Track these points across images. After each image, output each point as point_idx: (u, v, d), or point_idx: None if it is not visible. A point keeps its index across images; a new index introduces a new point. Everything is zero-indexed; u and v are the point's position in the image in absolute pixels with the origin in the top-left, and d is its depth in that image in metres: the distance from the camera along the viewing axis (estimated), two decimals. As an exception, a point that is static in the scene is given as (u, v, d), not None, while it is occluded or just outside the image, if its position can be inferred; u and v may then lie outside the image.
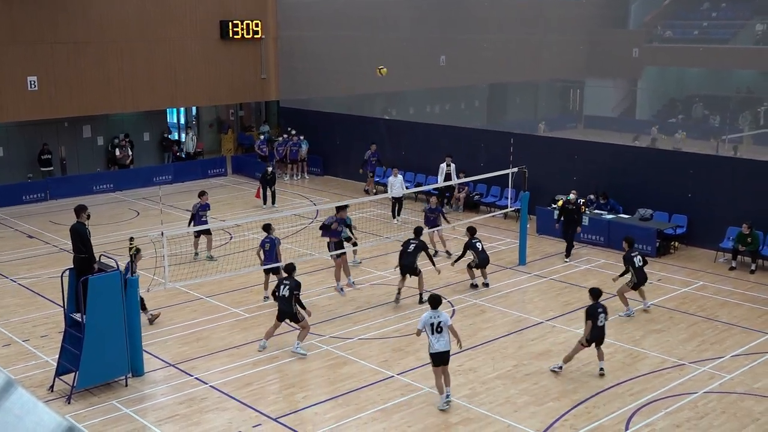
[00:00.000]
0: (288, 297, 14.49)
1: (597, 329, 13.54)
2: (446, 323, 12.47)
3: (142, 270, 15.87)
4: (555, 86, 45.11)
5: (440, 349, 12.43)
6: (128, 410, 12.68)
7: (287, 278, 14.74)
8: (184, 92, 32.79)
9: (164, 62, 31.74)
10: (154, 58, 31.43)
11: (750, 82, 41.76)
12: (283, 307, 14.58)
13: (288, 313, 14.56)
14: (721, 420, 12.27)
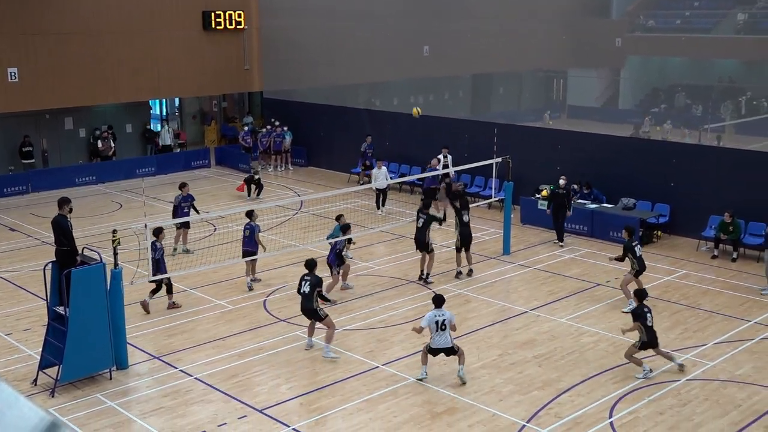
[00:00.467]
0: (309, 293, 14.11)
1: (649, 331, 13.28)
2: (450, 321, 13.00)
3: (125, 263, 15.81)
4: (538, 76, 45.24)
5: (441, 345, 12.96)
6: (112, 403, 12.64)
7: (308, 274, 14.36)
8: (167, 83, 32.62)
9: (146, 53, 31.54)
10: (136, 50, 31.23)
11: (732, 72, 42.04)
12: (305, 303, 14.24)
13: (310, 310, 14.19)
14: (703, 407, 12.37)
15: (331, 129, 31.49)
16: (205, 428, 11.83)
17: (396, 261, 19.85)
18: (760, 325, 15.64)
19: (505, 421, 11.94)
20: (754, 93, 39.75)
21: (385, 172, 24.24)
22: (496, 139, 21.45)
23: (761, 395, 12.75)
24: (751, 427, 11.74)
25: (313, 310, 14.15)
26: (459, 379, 13.13)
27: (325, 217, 23.35)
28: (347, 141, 30.51)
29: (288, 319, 15.98)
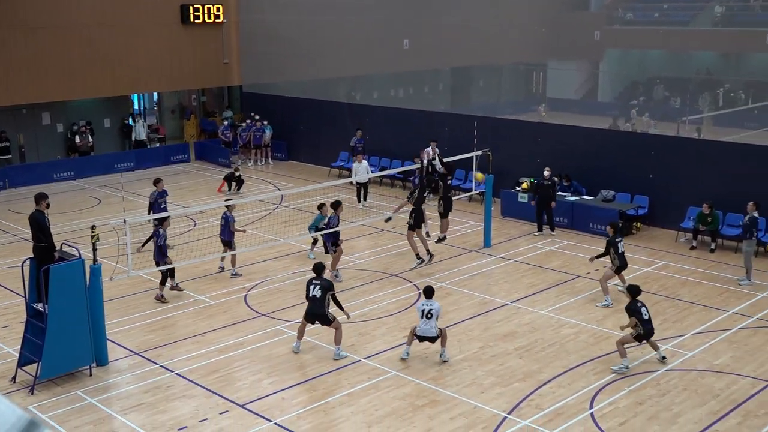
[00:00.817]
0: (321, 297, 13.66)
1: (646, 323, 13.36)
2: (437, 312, 13.49)
3: (105, 258, 15.73)
4: (518, 69, 45.31)
5: (425, 334, 13.50)
6: (93, 400, 12.58)
7: (317, 278, 13.93)
8: (145, 78, 32.42)
9: (125, 47, 31.32)
10: (115, 44, 31.00)
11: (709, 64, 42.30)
12: (314, 308, 13.75)
13: (319, 315, 13.75)
14: (682, 397, 12.49)
15: (312, 123, 31.43)
16: (186, 424, 11.80)
17: (377, 255, 19.86)
18: (738, 315, 15.79)
19: (486, 413, 12.00)
20: (731, 85, 40.05)
21: (365, 166, 24.16)
22: (476, 132, 21.50)
23: (739, 384, 12.88)
24: (730, 416, 11.86)
25: (323, 315, 13.73)
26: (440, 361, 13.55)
27: (305, 211, 23.31)
28: (327, 135, 30.48)
29: (269, 314, 15.96)
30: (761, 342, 14.54)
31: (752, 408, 12.12)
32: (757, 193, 18.77)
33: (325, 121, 30.76)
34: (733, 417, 11.85)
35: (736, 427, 11.56)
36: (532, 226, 21.79)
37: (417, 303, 13.56)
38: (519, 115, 33.82)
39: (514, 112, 37.25)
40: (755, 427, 11.54)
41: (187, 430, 11.64)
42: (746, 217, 17.69)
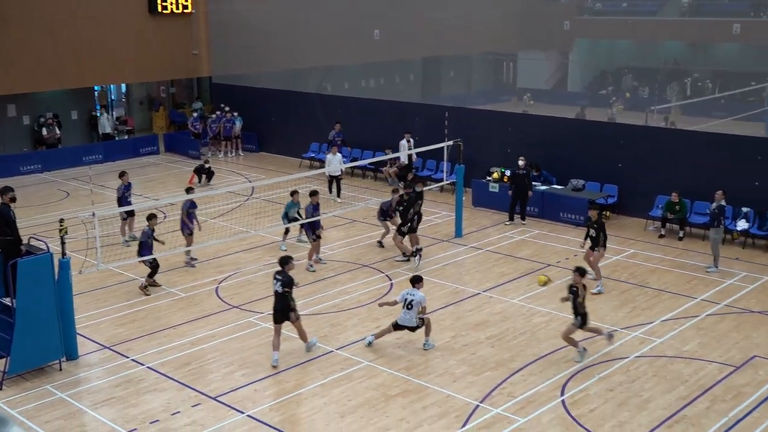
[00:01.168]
0: (281, 293, 13.20)
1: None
2: (420, 303, 13.48)
3: (73, 252, 15.59)
4: (488, 59, 45.42)
5: (404, 323, 13.58)
6: (63, 394, 12.49)
7: (280, 272, 13.34)
8: (113, 69, 32.08)
9: (92, 38, 30.95)
10: (81, 34, 30.63)
11: (677, 54, 42.68)
12: (276, 304, 13.28)
13: (282, 311, 13.24)
14: (652, 383, 12.64)
15: (282, 114, 31.30)
16: (158, 417, 11.75)
17: (349, 246, 19.86)
18: (706, 302, 16.00)
19: (459, 402, 12.07)
20: (698, 75, 40.46)
21: (339, 158, 23.92)
22: (447, 123, 21.55)
23: (707, 370, 13.06)
24: (698, 401, 12.04)
25: (286, 312, 13.25)
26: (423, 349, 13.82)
27: (276, 202, 23.24)
28: (299, 126, 30.38)
29: (240, 306, 15.91)
30: (728, 328, 14.75)
31: (719, 393, 12.30)
32: (724, 182, 19.01)
33: (296, 112, 30.65)
34: (701, 402, 12.02)
35: (704, 411, 11.74)
36: (503, 216, 21.90)
37: (402, 291, 13.72)
38: (490, 106, 33.94)
39: (485, 103, 37.38)
40: (722, 412, 11.72)
41: (158, 423, 11.59)
42: (714, 206, 17.91)
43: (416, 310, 13.47)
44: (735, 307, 15.74)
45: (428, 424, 11.48)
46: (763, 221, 19.47)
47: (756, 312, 15.51)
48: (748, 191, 19.80)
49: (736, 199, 19.56)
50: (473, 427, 11.39)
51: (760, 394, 12.27)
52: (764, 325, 14.86)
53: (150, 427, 11.48)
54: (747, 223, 19.55)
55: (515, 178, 21.56)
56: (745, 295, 16.42)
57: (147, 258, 16.58)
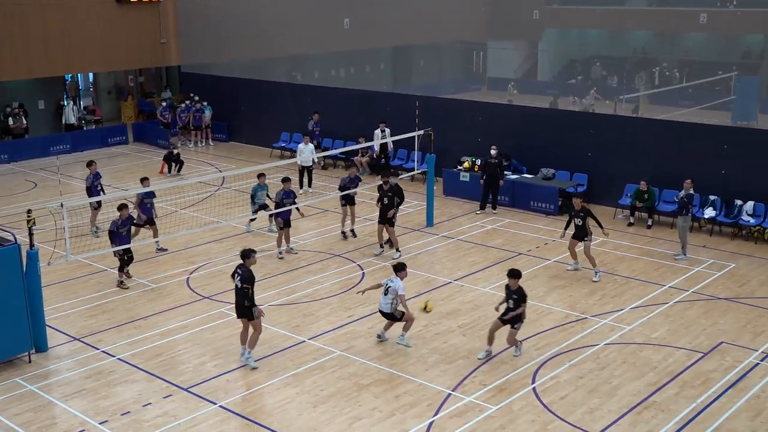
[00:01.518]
0: (240, 288, 12.71)
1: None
2: (396, 291, 13.20)
3: (42, 243, 15.40)
4: (458, 48, 45.49)
5: (380, 308, 13.52)
6: (33, 387, 12.36)
7: (241, 266, 12.90)
8: (80, 58, 31.68)
9: (58, 27, 30.54)
10: (48, 23, 30.20)
11: (645, 44, 43.03)
12: (237, 300, 12.83)
13: (241, 307, 12.78)
14: (621, 369, 12.77)
15: (252, 103, 31.11)
16: (129, 409, 11.67)
17: (321, 236, 19.82)
18: (674, 289, 16.19)
19: (431, 391, 12.11)
20: (666, 64, 40.81)
21: (311, 148, 23.71)
22: (417, 112, 21.56)
23: (675, 356, 13.23)
24: (667, 387, 12.18)
25: (245, 308, 12.76)
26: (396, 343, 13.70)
27: (247, 192, 23.12)
28: (269, 115, 30.22)
29: (212, 296, 15.83)
30: (696, 315, 14.94)
31: (688, 379, 12.46)
32: (691, 171, 19.21)
33: (267, 102, 30.48)
34: (670, 388, 12.17)
35: (673, 397, 11.89)
36: (474, 205, 21.98)
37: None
38: (460, 95, 33.99)
39: (455, 92, 37.44)
40: (691, 397, 11.87)
41: (130, 415, 11.51)
42: (682, 194, 18.10)
43: (391, 296, 13.26)
44: (703, 294, 15.94)
45: (401, 413, 11.51)
46: (730, 209, 19.73)
47: (723, 299, 15.73)
48: (715, 179, 20.05)
49: (703, 187, 19.79)
50: (445, 415, 11.44)
51: (727, 379, 12.44)
52: (731, 312, 15.07)
53: (121, 419, 11.40)
54: (714, 211, 19.80)
55: (487, 167, 21.60)
56: (712, 282, 16.64)
57: (120, 248, 16.13)
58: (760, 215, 19.37)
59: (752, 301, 15.65)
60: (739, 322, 14.59)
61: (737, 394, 12.00)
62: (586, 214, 16.65)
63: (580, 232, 16.76)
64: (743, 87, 33.49)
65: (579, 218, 16.64)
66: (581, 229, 16.71)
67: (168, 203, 22.24)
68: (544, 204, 21.57)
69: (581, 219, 16.64)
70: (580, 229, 16.72)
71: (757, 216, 19.38)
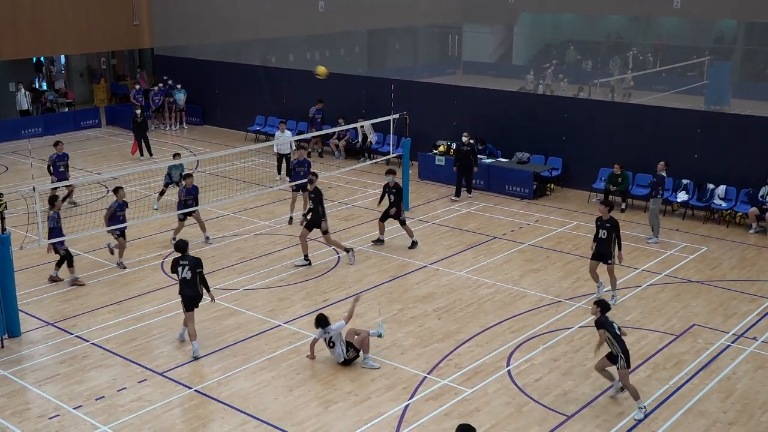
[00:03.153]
0: (191, 279, 12.59)
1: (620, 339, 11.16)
2: (338, 333, 12.29)
3: (14, 227, 15.23)
4: (434, 32, 45.41)
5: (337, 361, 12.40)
6: (5, 372, 12.25)
7: (183, 257, 12.75)
8: (51, 40, 31.23)
9: (28, 8, 30.05)
10: (17, 3, 29.72)
11: (619, 28, 43.17)
12: (186, 291, 12.68)
13: (194, 297, 12.71)
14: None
15: (226, 86, 30.90)
16: (103, 394, 11.62)
17: (294, 220, 19.75)
18: (647, 273, 16.34)
19: (406, 374, 12.16)
20: (640, 49, 41.00)
21: (289, 135, 23.11)
22: (392, 96, 21.52)
23: (648, 339, 13.37)
24: (639, 369, 12.31)
25: (198, 297, 12.74)
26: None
27: (221, 176, 23.02)
28: (243, 99, 30.03)
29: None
30: (668, 298, 15.10)
31: (660, 361, 12.60)
32: (665, 155, 19.36)
33: (241, 85, 30.28)
34: (642, 370, 12.30)
35: (645, 379, 12.02)
36: (449, 189, 21.98)
37: (316, 332, 12.54)
38: (435, 78, 33.95)
39: (430, 75, 37.39)
40: (663, 379, 12.02)
41: (104, 400, 11.46)
42: (654, 177, 18.24)
43: (339, 343, 12.33)
44: (675, 277, 16.11)
45: (376, 396, 11.55)
46: (702, 193, 19.92)
47: (695, 282, 15.90)
48: (688, 163, 20.22)
49: (676, 171, 19.95)
50: (421, 398, 11.50)
51: (699, 361, 12.60)
52: (703, 294, 15.25)
53: (96, 404, 11.34)
54: (687, 194, 19.97)
55: (459, 154, 21.58)
56: (684, 265, 16.81)
57: (58, 240, 15.25)
58: (732, 199, 19.57)
59: (724, 284, 15.84)
60: (711, 305, 14.77)
61: (709, 375, 12.17)
62: (612, 227, 14.44)
63: (602, 248, 14.53)
64: (716, 72, 33.73)
65: (604, 230, 14.49)
66: (604, 244, 14.49)
67: (142, 187, 22.07)
68: (519, 188, 21.65)
69: (606, 231, 14.47)
70: (603, 244, 14.50)
71: (729, 200, 19.58)
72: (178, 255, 12.88)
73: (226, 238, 18.33)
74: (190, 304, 12.76)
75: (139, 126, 26.15)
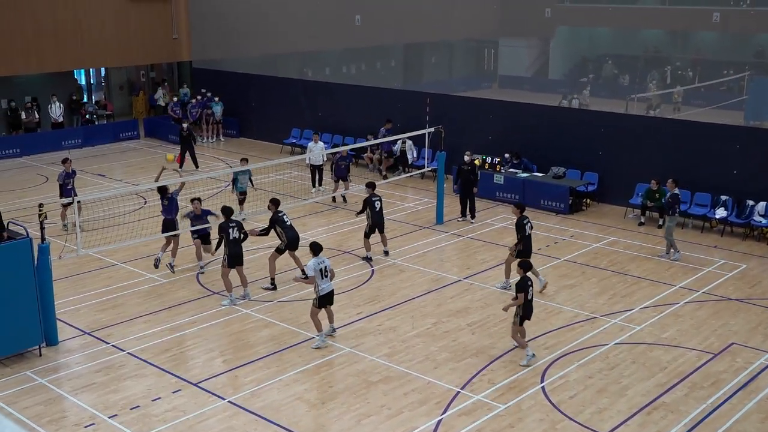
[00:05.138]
0: (239, 238, 15.14)
1: (528, 305, 12.93)
2: (329, 267, 13.46)
3: (53, 237, 15.44)
4: (469, 46, 45.38)
5: (328, 290, 13.40)
6: (43, 380, 12.40)
7: (231, 220, 15.22)
8: (93, 53, 31.75)
9: (71, 22, 30.62)
10: (61, 17, 30.29)
11: (657, 42, 42.80)
12: (238, 250, 15.11)
13: (242, 254, 15.21)
14: (631, 370, 12.72)
15: (263, 99, 31.13)
16: (138, 403, 11.70)
17: (330, 232, 19.81)
18: (685, 290, 16.12)
19: (439, 389, 12.10)
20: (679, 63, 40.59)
21: (321, 147, 23.19)
22: (428, 109, 21.51)
23: (685, 357, 13.17)
24: (676, 388, 12.13)
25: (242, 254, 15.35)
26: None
27: (257, 188, 23.16)
28: (279, 111, 30.24)
29: (221, 292, 15.83)
30: (706, 315, 14.87)
31: (698, 380, 12.41)
32: (703, 170, 19.16)
33: (277, 98, 30.50)
34: (679, 389, 12.12)
35: (682, 398, 11.84)
36: (485, 203, 21.85)
37: (309, 263, 13.25)
38: (471, 92, 33.90)
39: (466, 89, 37.33)
40: (701, 399, 11.82)
41: (139, 409, 11.54)
42: (668, 195, 18.05)
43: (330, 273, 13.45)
44: (713, 295, 15.87)
45: (409, 410, 11.50)
46: (742, 209, 19.63)
47: (734, 299, 15.65)
48: (727, 179, 19.94)
49: (715, 187, 19.69)
50: (454, 413, 11.43)
51: (737, 381, 12.38)
52: (742, 313, 15.00)
53: (130, 413, 11.43)
54: (725, 211, 19.69)
55: (460, 174, 20.82)
56: (723, 282, 16.56)
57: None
58: (772, 216, 19.26)
59: (764, 302, 15.56)
60: (750, 323, 14.52)
61: (747, 395, 11.95)
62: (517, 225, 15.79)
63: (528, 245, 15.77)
64: (756, 87, 33.28)
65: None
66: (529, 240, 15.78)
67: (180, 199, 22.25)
68: (555, 203, 21.50)
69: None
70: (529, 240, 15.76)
71: (769, 217, 19.27)
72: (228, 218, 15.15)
73: (261, 249, 18.41)
74: (240, 259, 15.17)
75: (185, 139, 26.39)
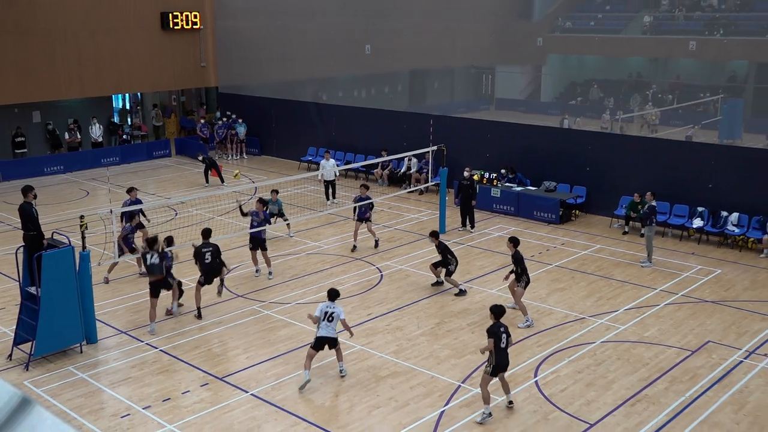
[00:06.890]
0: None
1: (501, 353, 10.88)
2: (339, 316, 12.01)
3: (93, 245, 15.51)
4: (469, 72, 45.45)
5: (324, 335, 11.92)
6: (84, 375, 12.44)
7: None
8: (129, 79, 31.95)
9: (109, 51, 30.85)
10: (100, 47, 30.52)
11: (640, 68, 42.79)
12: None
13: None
14: (616, 365, 12.69)
15: (282, 120, 31.25)
16: (169, 396, 11.72)
17: (343, 241, 19.83)
18: (665, 293, 16.07)
19: (442, 383, 12.09)
20: (658, 87, 40.57)
21: (333, 164, 23.31)
22: (431, 129, 21.55)
23: (666, 354, 13.12)
24: (658, 382, 12.09)
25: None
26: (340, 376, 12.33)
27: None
28: (297, 132, 30.35)
29: (245, 295, 15.87)
30: (684, 316, 14.82)
31: (677, 375, 12.36)
32: (682, 184, 19.12)
33: (295, 119, 30.60)
34: (660, 383, 12.08)
35: (663, 391, 11.79)
36: (482, 214, 21.89)
37: (320, 305, 12.23)
38: (470, 114, 33.93)
39: (466, 111, 37.36)
40: (680, 392, 11.78)
41: (170, 401, 11.56)
42: (645, 207, 18.02)
43: (336, 322, 12.03)
44: (691, 297, 15.82)
45: (414, 402, 11.49)
46: (716, 220, 19.58)
47: (709, 301, 15.60)
48: (703, 192, 19.91)
49: (692, 199, 19.65)
50: (455, 405, 11.41)
51: (713, 375, 12.34)
52: (717, 313, 14.94)
53: (163, 405, 11.45)
54: (702, 221, 19.65)
55: (461, 189, 20.76)
56: (699, 286, 16.51)
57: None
58: (744, 225, 19.21)
59: (737, 303, 15.51)
60: (724, 323, 14.47)
61: (722, 389, 11.90)
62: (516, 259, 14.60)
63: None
64: (729, 108, 33.18)
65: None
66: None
67: (206, 210, 22.36)
68: (546, 214, 21.49)
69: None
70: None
71: (741, 226, 19.21)
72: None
73: (281, 256, 18.45)
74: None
75: (208, 163, 26.52)
